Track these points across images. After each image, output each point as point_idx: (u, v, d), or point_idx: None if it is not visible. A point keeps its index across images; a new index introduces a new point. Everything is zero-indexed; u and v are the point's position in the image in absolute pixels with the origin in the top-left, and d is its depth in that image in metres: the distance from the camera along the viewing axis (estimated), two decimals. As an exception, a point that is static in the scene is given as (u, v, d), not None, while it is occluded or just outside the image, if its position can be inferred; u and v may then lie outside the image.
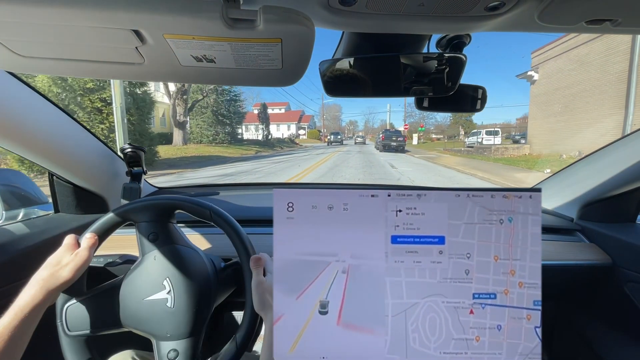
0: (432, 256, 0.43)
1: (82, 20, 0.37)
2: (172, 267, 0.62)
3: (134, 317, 0.61)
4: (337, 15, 0.45)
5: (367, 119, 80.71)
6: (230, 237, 0.63)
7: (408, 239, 0.43)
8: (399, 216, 0.43)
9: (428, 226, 0.43)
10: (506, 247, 0.43)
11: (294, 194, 0.43)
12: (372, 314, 0.42)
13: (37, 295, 0.52)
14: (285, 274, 0.43)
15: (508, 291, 0.43)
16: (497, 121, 51.03)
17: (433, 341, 0.42)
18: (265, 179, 8.18)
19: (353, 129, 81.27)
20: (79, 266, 0.56)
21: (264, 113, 29.85)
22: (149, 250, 0.63)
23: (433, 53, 0.61)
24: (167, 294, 0.60)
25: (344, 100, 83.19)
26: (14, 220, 0.91)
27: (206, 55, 0.45)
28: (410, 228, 0.43)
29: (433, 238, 0.43)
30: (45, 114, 0.76)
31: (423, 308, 0.42)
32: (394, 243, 0.43)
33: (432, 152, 21.07)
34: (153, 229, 0.64)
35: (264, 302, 0.51)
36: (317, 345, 0.42)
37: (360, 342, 0.42)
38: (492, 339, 0.42)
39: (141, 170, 0.99)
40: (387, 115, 57.61)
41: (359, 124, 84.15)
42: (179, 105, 16.63)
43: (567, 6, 0.40)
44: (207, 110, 20.73)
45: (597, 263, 0.90)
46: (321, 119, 56.83)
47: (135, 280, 0.62)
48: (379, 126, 73.60)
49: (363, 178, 8.28)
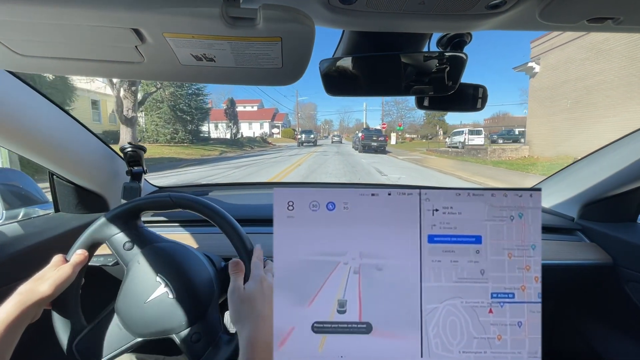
0: (469, 256, 0.43)
1: (82, 19, 0.37)
2: (159, 263, 0.62)
3: (143, 323, 0.60)
4: (337, 14, 0.44)
5: (342, 118, 79.08)
6: (205, 215, 0.63)
7: (445, 239, 0.43)
8: (436, 215, 0.43)
9: (465, 225, 0.43)
10: (519, 243, 0.43)
11: (293, 193, 0.43)
12: (398, 315, 0.42)
13: (13, 311, 0.49)
14: (290, 280, 0.41)
15: (525, 287, 0.42)
16: (466, 121, 50.37)
17: (455, 344, 0.42)
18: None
19: (328, 128, 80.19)
20: (60, 282, 0.54)
21: (231, 109, 27.37)
22: (130, 258, 0.63)
23: (433, 52, 0.61)
24: (164, 288, 0.60)
25: (319, 99, 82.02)
26: (14, 219, 0.91)
27: (206, 54, 0.44)
28: (447, 227, 0.43)
29: (470, 237, 0.43)
30: (45, 113, 0.76)
31: (443, 312, 0.42)
32: (430, 242, 0.43)
33: (414, 152, 19.70)
34: (126, 239, 0.64)
35: (240, 313, 0.47)
36: (335, 346, 0.41)
37: (387, 346, 0.42)
38: (513, 337, 0.42)
39: (141, 169, 0.99)
40: (364, 114, 54.58)
41: (334, 123, 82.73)
42: (126, 98, 13.28)
43: (568, 4, 0.39)
44: (163, 105, 18.36)
45: (597, 263, 0.90)
46: (296, 118, 52.47)
47: (130, 290, 0.61)
48: (354, 125, 72.33)
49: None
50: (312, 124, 73.83)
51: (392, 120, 48.39)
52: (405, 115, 49.15)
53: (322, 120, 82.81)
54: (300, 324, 0.41)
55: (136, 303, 0.60)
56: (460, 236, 0.43)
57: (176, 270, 0.62)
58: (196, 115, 19.84)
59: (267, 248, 0.66)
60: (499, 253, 0.43)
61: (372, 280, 0.42)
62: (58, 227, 0.89)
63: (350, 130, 69.28)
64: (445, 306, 0.42)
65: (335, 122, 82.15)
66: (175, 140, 18.66)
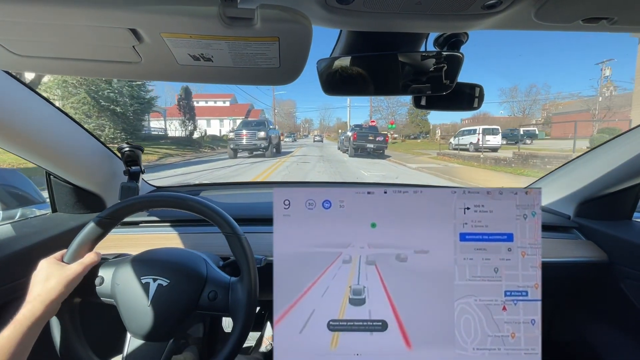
0: (501, 253, 0.43)
1: (79, 19, 0.37)
2: (135, 270, 0.62)
3: (162, 321, 0.60)
4: (335, 14, 0.45)
5: (322, 116, 74.54)
6: (177, 207, 0.63)
7: (477, 237, 0.43)
8: (467, 214, 0.43)
9: (496, 223, 0.43)
10: (532, 241, 0.43)
11: (290, 192, 0.44)
12: (429, 311, 0.42)
13: (37, 309, 0.52)
14: (289, 270, 0.43)
15: (538, 285, 0.43)
16: (445, 121, 49.26)
17: (469, 342, 0.42)
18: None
19: (309, 127, 77.92)
20: (69, 280, 0.56)
21: (186, 102, 20.80)
22: (108, 288, 0.62)
23: (430, 51, 0.61)
24: (155, 282, 0.60)
25: (299, 95, 78.42)
26: (11, 220, 0.90)
27: (203, 54, 0.44)
28: (478, 225, 0.43)
29: (501, 235, 0.43)
30: (42, 113, 0.75)
31: (457, 310, 0.42)
32: (462, 241, 0.43)
33: (421, 157, 15.07)
34: (97, 273, 0.63)
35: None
36: (350, 344, 0.42)
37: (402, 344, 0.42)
38: (527, 334, 0.42)
39: (139, 169, 0.99)
40: (347, 110, 45.91)
41: (314, 122, 79.32)
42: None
43: (563, 4, 0.40)
44: (80, 91, 13.14)
45: (593, 260, 0.91)
46: (272, 115, 45.24)
47: (128, 309, 0.60)
48: (334, 125, 69.09)
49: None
50: (292, 122, 70.38)
51: (380, 117, 42.62)
52: (397, 112, 42.91)
53: (302, 119, 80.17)
54: (300, 310, 0.43)
55: (142, 313, 0.59)
56: (492, 234, 0.43)
57: (152, 263, 0.62)
58: (132, 107, 14.71)
59: (256, 247, 0.66)
60: (513, 252, 0.43)
61: (395, 272, 0.43)
62: (55, 227, 0.88)
63: (332, 130, 66.97)
64: (458, 304, 0.42)
65: (316, 121, 79.08)
66: (102, 138, 13.55)
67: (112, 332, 0.84)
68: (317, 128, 76.35)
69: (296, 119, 74.72)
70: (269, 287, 0.51)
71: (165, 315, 0.60)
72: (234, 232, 0.62)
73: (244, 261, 0.61)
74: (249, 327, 0.59)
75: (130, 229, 1.02)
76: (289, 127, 64.79)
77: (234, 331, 0.58)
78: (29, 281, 0.56)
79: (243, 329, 0.58)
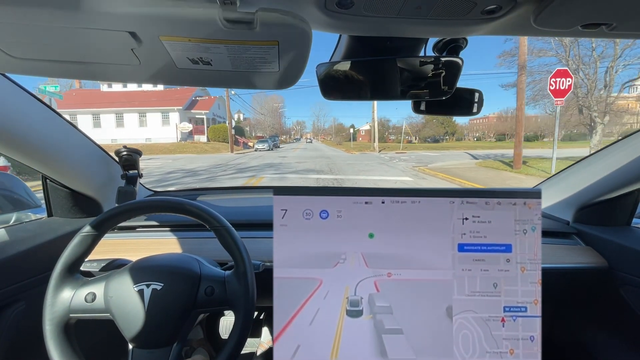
0: (500, 264, 0.42)
1: (77, 21, 0.36)
2: (127, 279, 0.60)
3: (161, 325, 0.58)
4: (334, 18, 0.44)
5: (317, 117, 67.91)
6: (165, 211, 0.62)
7: (475, 247, 0.42)
8: (466, 224, 0.42)
9: (495, 234, 0.42)
10: (532, 257, 0.42)
11: (287, 201, 0.43)
12: (427, 323, 0.42)
13: None
14: (288, 278, 0.42)
15: (537, 301, 0.42)
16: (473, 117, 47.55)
17: (468, 358, 0.41)
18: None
19: (301, 129, 75.05)
20: None
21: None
22: (102, 303, 0.60)
23: (430, 56, 0.61)
24: (151, 286, 0.59)
25: (286, 92, 76.00)
26: (5, 224, 0.89)
27: (202, 57, 0.44)
28: (477, 236, 0.43)
29: (500, 246, 0.42)
30: (38, 117, 0.75)
31: (455, 324, 0.42)
32: (461, 251, 0.42)
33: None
34: (82, 298, 0.60)
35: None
36: (350, 353, 0.41)
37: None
38: (526, 351, 0.42)
39: (136, 173, 0.98)
40: (373, 107, 28.15)
41: (307, 125, 75.57)
42: None
43: (563, 10, 0.40)
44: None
45: (593, 266, 0.90)
46: (226, 108, 22.53)
47: (125, 320, 0.59)
48: (329, 126, 64.24)
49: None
50: (277, 120, 55.47)
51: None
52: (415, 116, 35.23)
53: (293, 121, 74.47)
54: (301, 320, 0.42)
55: (140, 320, 0.58)
56: (491, 245, 0.42)
57: (143, 270, 0.61)
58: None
59: (255, 252, 0.65)
60: (512, 267, 0.42)
61: (392, 284, 0.42)
62: (51, 232, 0.87)
63: (327, 132, 63.18)
64: (457, 319, 0.42)
65: (308, 123, 74.67)
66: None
67: (112, 348, 0.82)
68: (309, 131, 72.11)
69: (286, 119, 62.67)
70: (267, 293, 0.50)
71: (163, 319, 0.59)
72: (220, 225, 0.62)
73: (235, 251, 0.60)
74: (251, 315, 0.58)
75: (127, 233, 1.01)
76: (274, 128, 51.86)
77: (237, 322, 0.57)
78: (24, 285, 0.55)
79: (245, 317, 0.57)
